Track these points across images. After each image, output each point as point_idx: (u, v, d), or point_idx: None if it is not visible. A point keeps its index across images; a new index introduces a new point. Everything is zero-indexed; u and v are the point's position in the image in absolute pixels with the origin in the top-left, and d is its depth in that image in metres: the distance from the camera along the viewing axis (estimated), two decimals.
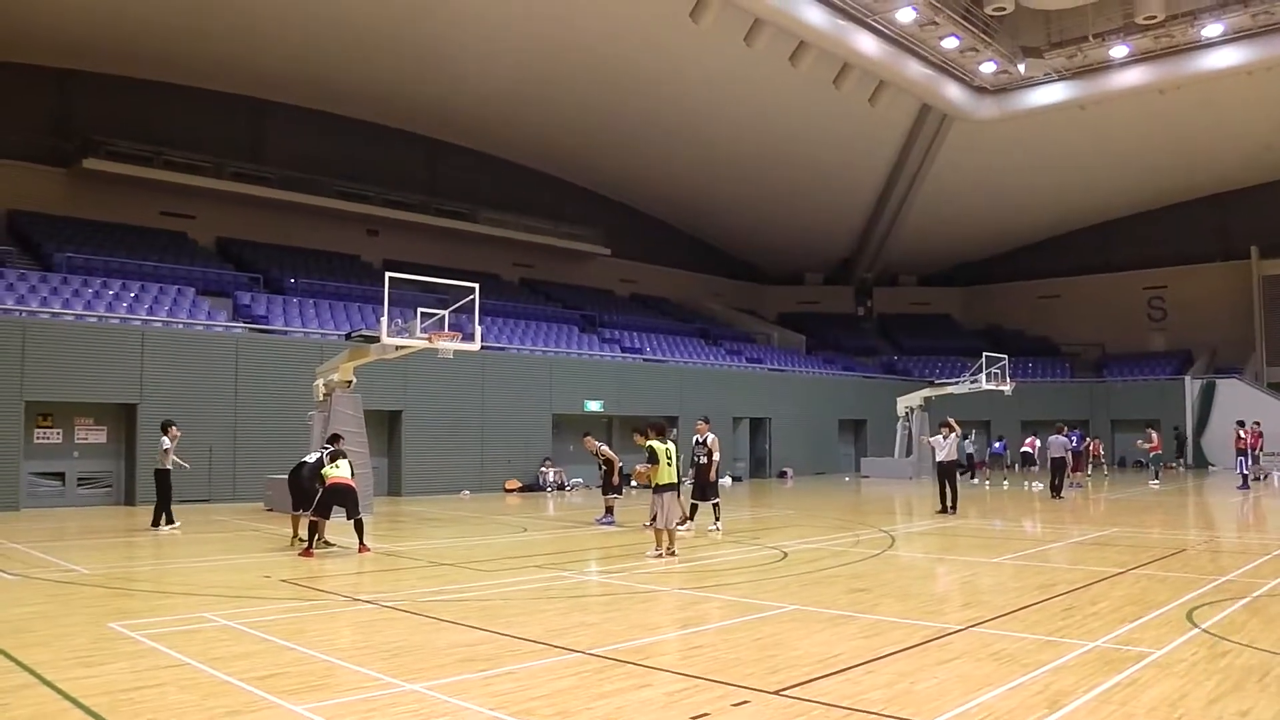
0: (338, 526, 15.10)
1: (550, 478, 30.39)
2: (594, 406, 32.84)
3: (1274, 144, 43.51)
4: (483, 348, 21.64)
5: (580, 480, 31.38)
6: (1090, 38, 37.45)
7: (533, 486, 30.08)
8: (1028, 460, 32.26)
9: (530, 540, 16.55)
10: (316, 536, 14.67)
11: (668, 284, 49.74)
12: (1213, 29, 36.07)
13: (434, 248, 38.25)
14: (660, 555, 13.79)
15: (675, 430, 28.44)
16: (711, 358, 40.47)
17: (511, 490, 29.64)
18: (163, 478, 18.08)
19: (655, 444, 14.14)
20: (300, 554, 14.25)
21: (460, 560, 14.12)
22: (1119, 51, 37.81)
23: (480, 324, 19.74)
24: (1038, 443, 31.75)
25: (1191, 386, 45.36)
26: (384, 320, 18.28)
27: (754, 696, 6.70)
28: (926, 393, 36.80)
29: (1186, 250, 49.78)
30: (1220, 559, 14.24)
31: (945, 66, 38.95)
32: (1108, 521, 19.98)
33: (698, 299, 50.75)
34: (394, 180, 38.80)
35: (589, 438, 21.69)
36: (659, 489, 13.87)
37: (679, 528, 14.67)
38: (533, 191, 43.74)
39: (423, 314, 19.00)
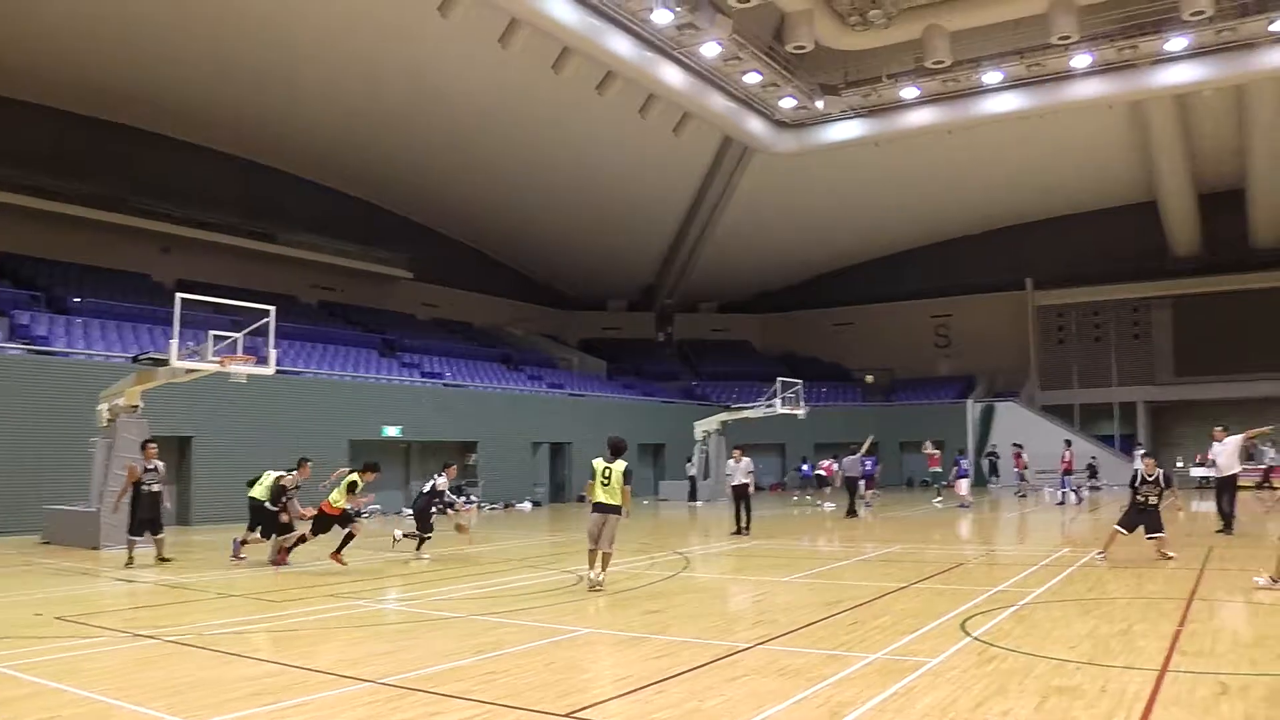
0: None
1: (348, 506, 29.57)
2: (392, 432, 32.29)
3: (1049, 185, 46.57)
4: (278, 371, 21.06)
5: (378, 507, 30.74)
6: (884, 78, 39.05)
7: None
8: (822, 481, 33.31)
9: (325, 569, 16.15)
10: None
11: (471, 308, 49.40)
12: (993, 76, 38.21)
13: (232, 268, 36.92)
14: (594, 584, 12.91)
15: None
16: (513, 383, 40.39)
17: (306, 518, 28.70)
18: None
19: (596, 460, 13.50)
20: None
21: (250, 591, 13.66)
22: (910, 93, 39.59)
23: (276, 347, 19.23)
24: (835, 466, 32.76)
25: (973, 410, 47.92)
26: (174, 342, 17.61)
27: None
28: (724, 417, 37.60)
29: (970, 281, 52.51)
30: (994, 571, 15.03)
31: (747, 100, 40.03)
32: (894, 539, 20.80)
33: (501, 324, 50.61)
34: (199, 198, 37.27)
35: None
36: (594, 508, 13.16)
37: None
38: (339, 213, 42.86)
39: (215, 336, 18.38)
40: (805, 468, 38.10)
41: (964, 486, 30.93)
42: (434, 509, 18.29)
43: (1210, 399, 45.30)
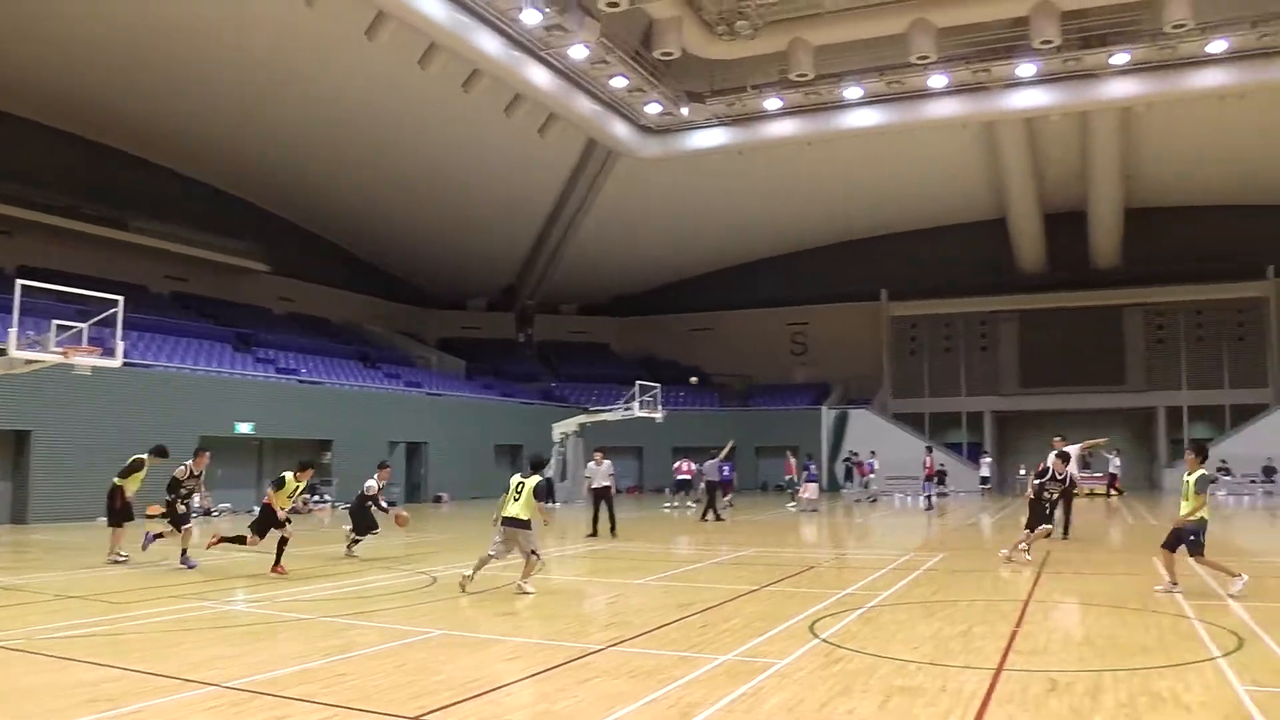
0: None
1: (196, 503, 28.65)
2: (245, 429, 31.47)
3: (904, 199, 47.94)
4: (125, 364, 20.36)
5: (228, 505, 29.96)
6: (749, 88, 39.60)
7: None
8: (681, 485, 33.59)
9: (171, 569, 15.67)
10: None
11: (329, 304, 48.40)
12: (853, 91, 39.10)
13: (80, 255, 35.38)
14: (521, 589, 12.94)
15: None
16: (369, 380, 39.74)
17: (154, 516, 27.76)
18: None
19: (514, 476, 13.35)
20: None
21: (91, 592, 13.13)
22: (773, 103, 40.20)
23: (124, 339, 18.58)
24: (693, 466, 33.03)
25: (827, 416, 49.07)
26: (13, 332, 16.86)
27: None
28: (582, 419, 37.66)
29: (827, 291, 53.61)
30: (844, 574, 15.40)
31: (613, 104, 40.15)
32: (748, 542, 21.12)
33: (359, 320, 49.76)
34: (44, 180, 35.58)
35: None
36: (502, 522, 12.97)
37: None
38: (195, 203, 41.47)
39: (59, 326, 17.67)
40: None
41: (812, 490, 31.57)
42: (369, 507, 18.06)
43: (1052, 409, 47.20)
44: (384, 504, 18.19)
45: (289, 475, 15.62)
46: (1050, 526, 16.44)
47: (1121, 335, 49.63)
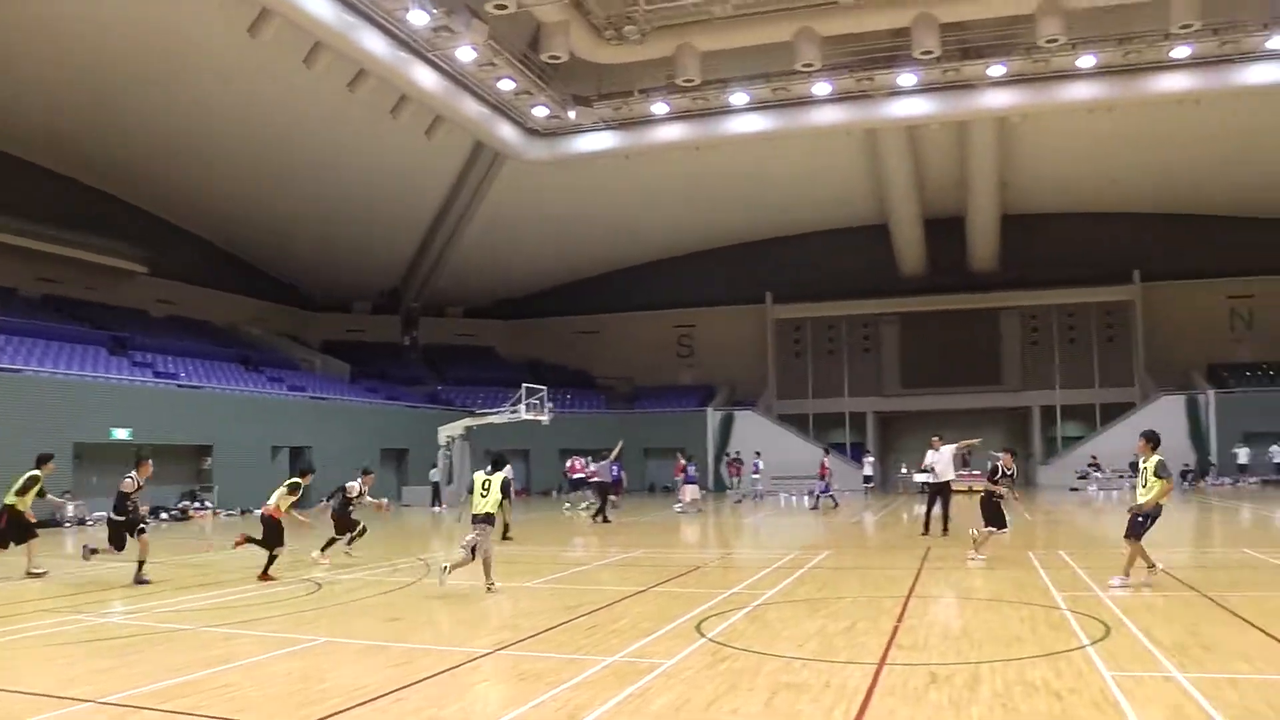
0: None
1: (70, 512, 27.77)
2: (122, 434, 30.55)
3: (790, 204, 48.64)
4: None
5: (104, 514, 29.01)
6: (636, 93, 39.67)
7: (49, 522, 27.39)
8: (576, 485, 33.50)
9: (42, 581, 15.17)
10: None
11: (210, 306, 47.07)
12: (739, 97, 39.54)
13: None
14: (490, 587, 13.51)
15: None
16: (251, 384, 38.92)
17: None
18: None
19: (476, 475, 13.95)
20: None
21: None
22: (660, 108, 40.37)
23: None
24: (586, 464, 32.93)
25: (713, 418, 49.53)
26: None
27: None
28: (468, 422, 37.40)
29: (713, 293, 54.10)
30: (730, 574, 15.57)
31: (500, 107, 39.91)
32: (637, 543, 21.21)
33: (241, 323, 48.59)
34: None
35: None
36: (473, 519, 13.55)
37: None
38: (69, 203, 39.72)
39: None
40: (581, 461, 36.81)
41: (690, 492, 31.86)
42: (350, 509, 18.45)
43: (932, 409, 48.27)
44: (367, 500, 18.75)
45: (296, 478, 16.07)
46: (1008, 529, 16.61)
47: (998, 337, 51.08)
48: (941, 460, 21.07)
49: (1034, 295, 50.06)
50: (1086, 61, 36.34)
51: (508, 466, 14.16)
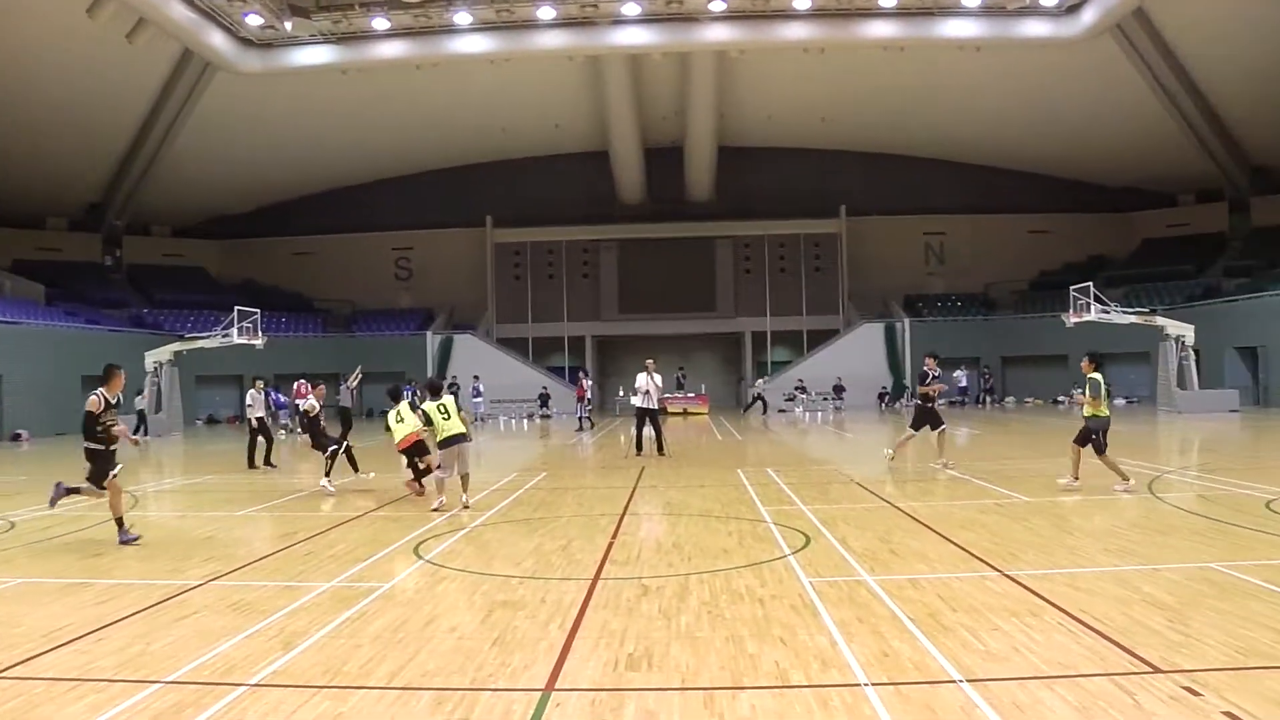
0: None
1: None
2: None
3: (508, 127, 48.34)
4: None
5: None
6: (356, 6, 38.19)
7: None
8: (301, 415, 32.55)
9: None
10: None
11: None
12: (463, 17, 38.80)
13: None
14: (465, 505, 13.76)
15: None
16: None
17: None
18: None
19: (427, 405, 14.02)
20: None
21: None
22: (381, 24, 39.01)
23: None
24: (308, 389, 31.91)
25: (432, 341, 49.26)
26: None
27: None
28: (176, 347, 35.75)
29: (432, 216, 53.35)
30: (448, 497, 15.51)
31: (210, 13, 37.59)
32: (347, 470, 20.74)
33: None
34: None
35: None
36: (445, 443, 13.63)
37: None
38: None
39: None
40: (279, 398, 35.77)
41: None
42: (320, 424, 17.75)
43: (649, 334, 49.53)
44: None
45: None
46: (944, 425, 17.76)
47: (713, 265, 52.82)
48: (654, 385, 21.85)
49: (747, 226, 52.01)
50: (803, 3, 37.93)
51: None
